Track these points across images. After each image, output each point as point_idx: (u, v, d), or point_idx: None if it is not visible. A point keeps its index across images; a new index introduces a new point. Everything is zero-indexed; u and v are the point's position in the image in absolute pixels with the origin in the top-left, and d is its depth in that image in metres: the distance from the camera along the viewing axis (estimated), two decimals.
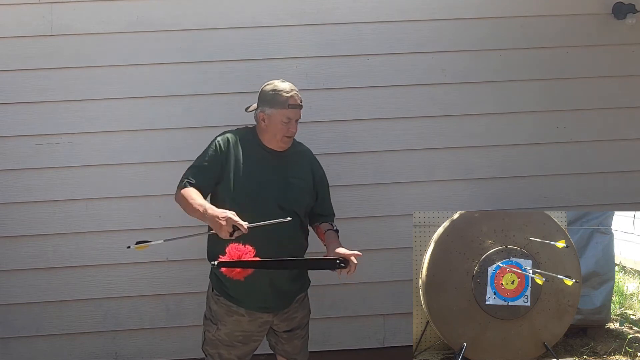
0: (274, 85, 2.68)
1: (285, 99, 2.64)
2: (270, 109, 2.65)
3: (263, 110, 2.67)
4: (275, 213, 2.55)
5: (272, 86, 2.68)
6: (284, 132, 2.65)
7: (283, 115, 2.64)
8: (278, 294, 2.69)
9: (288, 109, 2.64)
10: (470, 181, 3.52)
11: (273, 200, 2.62)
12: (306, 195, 2.74)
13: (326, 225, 2.74)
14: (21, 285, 3.37)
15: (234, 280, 2.53)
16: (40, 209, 3.35)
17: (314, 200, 2.80)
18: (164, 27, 3.35)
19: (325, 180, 2.87)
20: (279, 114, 2.64)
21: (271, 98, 2.66)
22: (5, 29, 3.30)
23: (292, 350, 2.82)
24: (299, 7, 3.40)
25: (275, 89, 2.66)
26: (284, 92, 2.65)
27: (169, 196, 3.37)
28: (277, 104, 2.64)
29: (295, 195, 2.68)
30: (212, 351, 2.71)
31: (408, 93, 3.47)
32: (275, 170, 2.68)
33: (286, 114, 2.64)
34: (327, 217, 2.83)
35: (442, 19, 3.46)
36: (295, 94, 2.68)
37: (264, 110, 2.67)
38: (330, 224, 2.75)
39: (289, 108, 2.64)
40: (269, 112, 2.65)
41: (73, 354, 3.42)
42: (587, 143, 3.56)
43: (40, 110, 3.33)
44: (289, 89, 2.67)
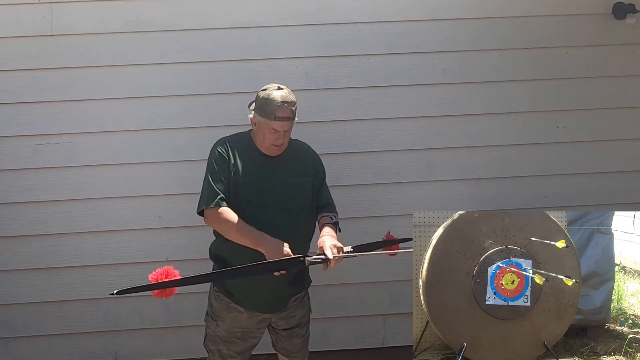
0: (267, 92, 2.57)
1: (273, 109, 2.52)
2: (259, 117, 2.58)
3: (254, 115, 2.61)
4: (276, 217, 2.56)
5: (266, 92, 2.57)
6: (271, 140, 2.58)
7: (269, 127, 2.55)
8: (277, 297, 2.69)
9: (274, 120, 2.53)
10: (470, 181, 3.52)
11: (272, 205, 2.60)
12: (308, 193, 2.71)
13: (325, 219, 2.70)
14: (21, 285, 3.37)
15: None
16: (40, 209, 3.35)
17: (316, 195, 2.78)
18: (164, 27, 3.35)
19: (324, 173, 2.83)
20: (266, 124, 2.55)
21: (261, 105, 2.57)
22: (5, 29, 3.30)
23: (292, 348, 2.83)
24: (299, 7, 3.40)
25: (267, 97, 2.55)
26: (275, 102, 2.52)
27: (169, 196, 3.40)
28: (265, 113, 2.55)
29: (295, 195, 2.66)
30: (212, 347, 2.73)
31: (408, 93, 3.47)
32: (274, 173, 2.64)
33: (272, 125, 2.54)
34: (326, 207, 2.78)
35: (442, 19, 3.46)
36: (286, 106, 2.53)
37: (255, 115, 2.61)
38: (330, 217, 2.71)
39: (276, 120, 2.52)
40: (257, 119, 2.59)
41: (73, 354, 3.43)
42: (587, 143, 3.56)
43: (40, 110, 3.33)
44: (280, 100, 2.52)
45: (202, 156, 3.33)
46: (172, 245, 3.40)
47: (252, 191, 2.60)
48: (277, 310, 2.72)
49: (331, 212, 2.75)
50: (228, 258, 2.64)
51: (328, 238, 2.56)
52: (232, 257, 2.62)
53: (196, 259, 3.20)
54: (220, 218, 2.56)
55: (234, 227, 2.53)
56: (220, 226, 2.59)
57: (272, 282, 2.58)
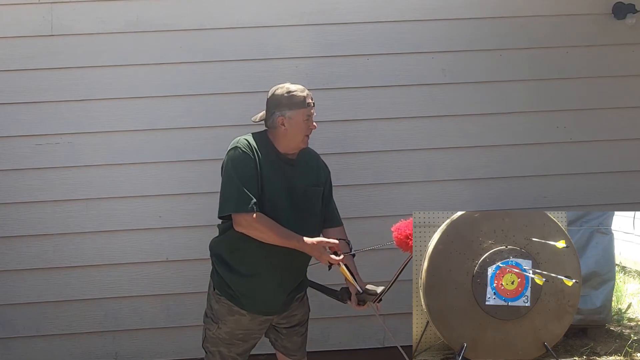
0: (286, 88, 2.64)
1: (302, 98, 2.63)
2: (290, 111, 2.61)
3: (283, 114, 2.62)
4: (291, 222, 2.58)
5: (284, 89, 2.64)
6: (305, 131, 2.64)
7: (304, 114, 2.62)
8: (281, 299, 2.70)
9: (307, 107, 2.64)
10: (470, 181, 3.52)
11: (289, 210, 2.62)
12: (319, 201, 2.75)
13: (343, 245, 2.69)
14: (21, 285, 3.37)
15: (236, 281, 2.59)
16: (40, 209, 3.35)
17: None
18: (164, 27, 3.35)
19: (331, 184, 2.87)
20: (300, 113, 2.62)
21: (288, 101, 2.62)
22: (5, 29, 3.30)
23: (292, 347, 2.83)
24: (299, 7, 3.40)
25: (290, 91, 2.63)
26: (299, 91, 2.63)
27: (169, 196, 3.40)
28: (296, 104, 2.61)
29: (310, 202, 2.70)
30: (213, 349, 2.72)
31: (408, 93, 3.47)
32: (292, 178, 2.66)
33: (307, 112, 2.63)
34: (334, 221, 2.83)
35: (442, 19, 3.46)
36: (309, 92, 2.67)
37: (284, 113, 2.61)
38: (349, 246, 2.73)
39: (308, 106, 2.64)
40: (289, 114, 2.61)
41: (73, 354, 3.43)
42: (587, 143, 3.56)
43: (40, 110, 3.33)
44: (301, 89, 2.65)
45: (202, 156, 3.35)
46: (172, 245, 3.40)
47: (273, 194, 2.60)
48: (281, 312, 2.73)
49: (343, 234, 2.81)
50: (227, 257, 2.65)
51: None
52: (230, 257, 2.64)
53: (196, 259, 3.21)
54: (257, 225, 2.53)
55: (275, 232, 2.54)
56: (256, 233, 2.54)
57: (276, 285, 2.62)
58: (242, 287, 2.63)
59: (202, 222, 2.74)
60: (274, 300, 2.68)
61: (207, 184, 3.18)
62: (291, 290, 2.72)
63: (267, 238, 2.54)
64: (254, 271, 2.62)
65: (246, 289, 2.63)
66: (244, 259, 2.62)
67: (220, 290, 2.68)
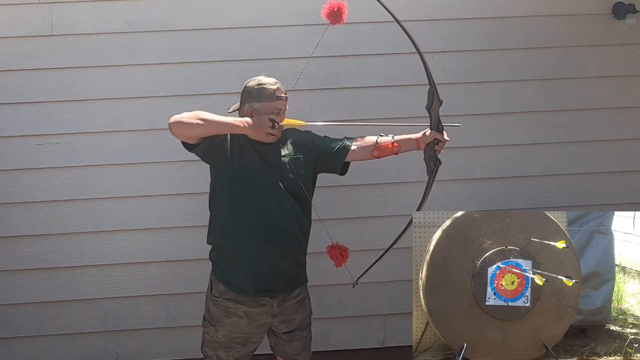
0: (258, 81, 2.71)
1: (272, 91, 2.68)
2: (257, 104, 2.67)
3: (251, 105, 2.68)
4: (272, 197, 2.62)
5: (256, 81, 2.71)
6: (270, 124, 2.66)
7: (273, 107, 2.67)
8: (277, 272, 2.67)
9: (276, 100, 2.67)
10: (470, 181, 3.52)
11: (267, 184, 2.64)
12: (301, 169, 2.73)
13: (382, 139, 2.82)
14: (21, 285, 3.37)
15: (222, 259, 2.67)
16: (40, 209, 3.35)
17: (322, 163, 2.81)
18: (164, 27, 3.35)
19: (319, 138, 2.87)
20: (268, 106, 2.67)
21: (257, 93, 2.68)
22: (5, 29, 3.30)
23: (292, 351, 2.81)
24: (299, 7, 3.40)
25: (260, 84, 2.69)
26: (269, 85, 2.69)
27: (169, 196, 3.40)
28: (265, 97, 2.67)
29: (284, 173, 2.68)
30: (211, 353, 2.71)
31: (408, 93, 3.46)
32: (265, 155, 2.68)
33: (275, 105, 2.67)
34: (342, 141, 2.85)
35: (442, 19, 3.46)
36: (281, 86, 2.71)
37: (252, 105, 2.68)
38: (379, 135, 2.83)
39: (277, 100, 2.68)
40: (257, 106, 2.67)
41: (73, 354, 3.43)
42: (587, 143, 3.56)
43: (40, 110, 3.33)
44: (273, 82, 2.70)
45: None
46: (172, 245, 3.40)
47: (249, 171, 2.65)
48: (279, 292, 2.69)
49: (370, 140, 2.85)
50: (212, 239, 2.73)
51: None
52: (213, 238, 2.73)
53: (196, 259, 3.21)
54: (189, 116, 2.67)
55: (204, 118, 2.64)
56: (187, 125, 2.66)
57: (268, 256, 2.62)
58: (235, 269, 2.64)
59: (202, 222, 2.73)
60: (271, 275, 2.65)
61: (207, 184, 3.17)
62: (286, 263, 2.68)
63: (199, 127, 2.63)
64: (231, 242, 2.65)
65: (241, 270, 2.63)
66: (222, 233, 2.67)
67: (217, 292, 2.69)
